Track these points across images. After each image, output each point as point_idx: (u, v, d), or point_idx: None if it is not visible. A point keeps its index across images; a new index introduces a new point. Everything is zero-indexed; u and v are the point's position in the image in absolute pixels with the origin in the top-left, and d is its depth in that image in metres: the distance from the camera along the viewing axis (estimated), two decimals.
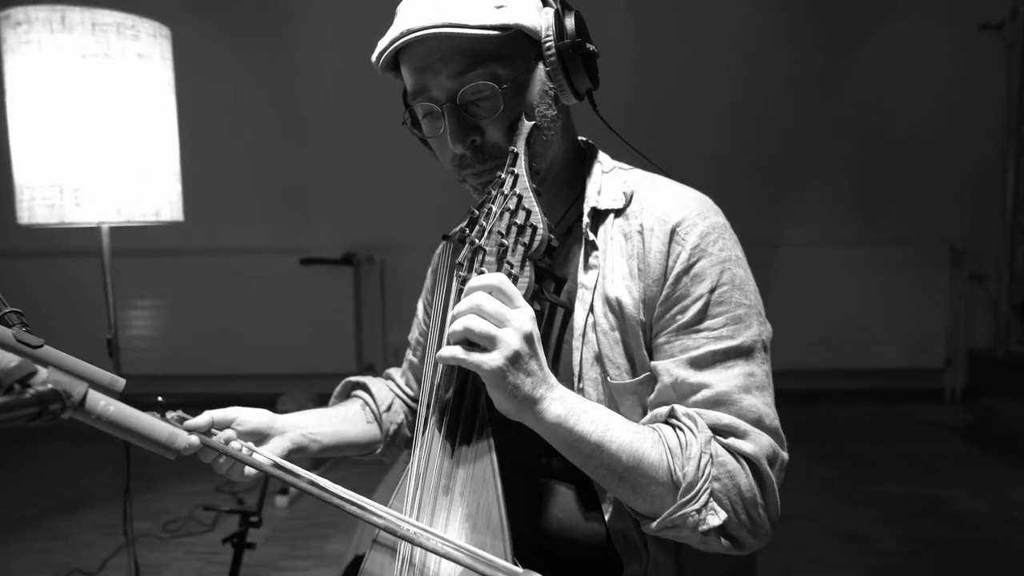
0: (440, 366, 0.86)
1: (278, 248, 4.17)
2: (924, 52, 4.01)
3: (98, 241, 1.70)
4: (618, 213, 0.87)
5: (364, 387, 1.10)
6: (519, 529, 0.73)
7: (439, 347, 0.88)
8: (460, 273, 0.77)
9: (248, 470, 0.83)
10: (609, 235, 0.86)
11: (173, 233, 3.54)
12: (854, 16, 4.03)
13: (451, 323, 0.71)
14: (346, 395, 1.12)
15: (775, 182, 4.11)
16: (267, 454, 0.85)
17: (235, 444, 0.83)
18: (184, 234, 3.71)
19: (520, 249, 0.74)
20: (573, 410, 0.73)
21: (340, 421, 1.01)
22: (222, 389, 4.17)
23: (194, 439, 0.76)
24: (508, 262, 0.74)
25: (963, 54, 4.00)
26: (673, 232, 0.82)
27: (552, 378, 0.74)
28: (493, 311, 0.69)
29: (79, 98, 1.49)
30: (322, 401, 1.15)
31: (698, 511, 0.73)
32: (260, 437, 0.89)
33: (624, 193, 0.88)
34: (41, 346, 0.62)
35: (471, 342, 0.70)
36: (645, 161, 0.97)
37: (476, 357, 0.69)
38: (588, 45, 0.83)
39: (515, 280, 0.73)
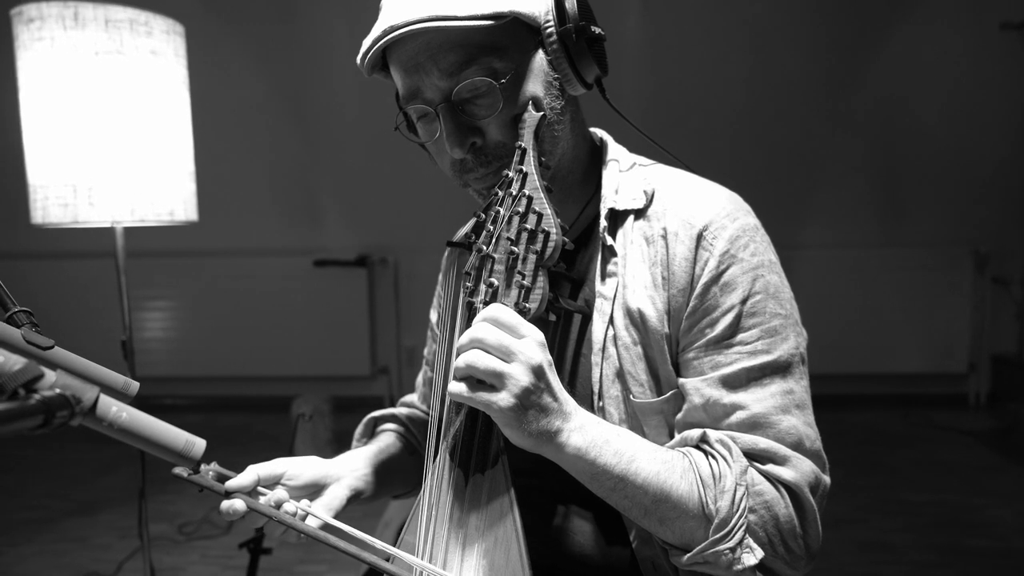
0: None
1: (292, 249, 4.15)
2: (943, 51, 3.93)
3: (112, 242, 1.68)
4: (638, 214, 0.80)
5: (393, 418, 1.02)
6: (539, 557, 0.69)
7: (447, 371, 0.82)
8: (467, 284, 0.71)
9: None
10: (629, 239, 0.80)
11: (186, 234, 3.56)
12: (872, 15, 3.96)
13: (455, 356, 0.66)
14: (370, 433, 1.02)
15: (792, 183, 4.05)
16: (323, 516, 0.74)
17: (288, 507, 0.73)
18: (197, 235, 3.71)
19: (532, 257, 0.68)
20: (595, 441, 0.67)
21: (385, 457, 0.92)
22: (236, 391, 4.16)
23: (239, 504, 0.68)
24: (519, 272, 0.68)
25: (984, 53, 3.92)
26: (700, 236, 0.76)
27: (570, 405, 0.67)
28: (496, 344, 0.63)
29: (92, 96, 1.47)
30: (337, 403, 1.10)
31: (732, 549, 0.68)
32: (316, 489, 0.79)
33: (644, 192, 0.81)
34: (51, 347, 0.57)
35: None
36: (665, 156, 0.89)
37: (484, 397, 0.63)
38: (593, 28, 0.74)
39: (527, 292, 0.68)
